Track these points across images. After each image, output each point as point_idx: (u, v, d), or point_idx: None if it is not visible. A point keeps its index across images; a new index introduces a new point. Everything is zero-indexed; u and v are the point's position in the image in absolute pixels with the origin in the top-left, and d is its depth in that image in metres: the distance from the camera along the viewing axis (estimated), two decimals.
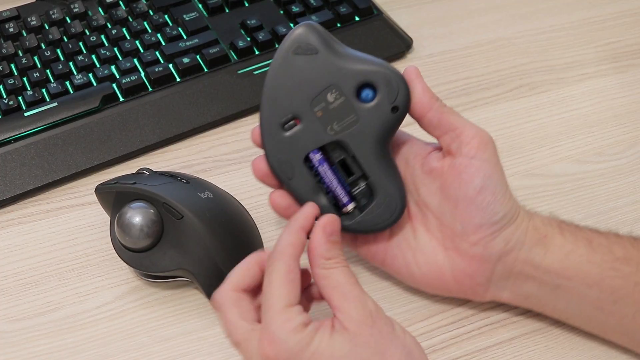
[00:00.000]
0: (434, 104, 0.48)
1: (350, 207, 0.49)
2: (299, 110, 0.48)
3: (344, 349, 0.42)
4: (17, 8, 0.71)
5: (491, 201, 0.47)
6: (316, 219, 0.47)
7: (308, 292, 0.48)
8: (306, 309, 0.47)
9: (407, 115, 0.49)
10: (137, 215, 0.52)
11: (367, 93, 0.48)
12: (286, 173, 0.48)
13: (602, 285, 0.47)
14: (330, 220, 0.46)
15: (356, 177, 0.49)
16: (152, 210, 0.52)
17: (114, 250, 0.53)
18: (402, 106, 0.47)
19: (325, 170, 0.48)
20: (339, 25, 0.72)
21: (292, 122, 0.48)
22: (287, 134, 0.48)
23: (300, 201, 0.49)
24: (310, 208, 0.47)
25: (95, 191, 0.56)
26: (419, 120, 0.49)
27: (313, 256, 0.45)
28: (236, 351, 0.48)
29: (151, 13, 0.72)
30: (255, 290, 0.46)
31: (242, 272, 0.46)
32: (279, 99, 0.48)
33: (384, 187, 0.48)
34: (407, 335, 0.44)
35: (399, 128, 0.49)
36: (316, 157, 0.48)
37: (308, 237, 0.46)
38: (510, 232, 0.48)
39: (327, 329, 0.43)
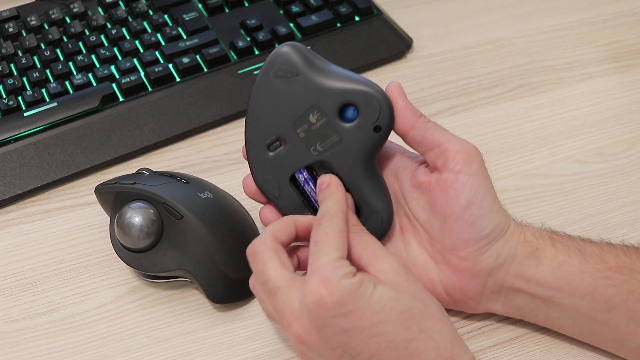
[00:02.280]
0: (416, 121, 0.48)
1: None
2: (282, 132, 0.48)
3: (390, 293, 0.43)
4: (17, 8, 0.71)
5: (479, 216, 0.47)
6: None
7: None
8: None
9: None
10: (136, 216, 0.52)
11: (349, 112, 0.48)
12: (272, 192, 0.49)
13: (595, 294, 0.47)
14: (350, 198, 0.48)
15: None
16: (151, 211, 0.52)
17: (113, 251, 0.53)
18: (384, 125, 0.47)
19: (310, 190, 0.49)
20: (338, 25, 0.72)
21: (276, 143, 0.49)
22: (272, 154, 0.49)
23: None
24: (337, 181, 0.48)
25: (94, 191, 0.56)
26: (402, 137, 0.49)
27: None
28: (237, 352, 0.49)
29: (151, 13, 0.72)
30: (286, 248, 0.47)
31: (281, 227, 0.47)
32: (262, 121, 0.49)
33: (368, 204, 0.49)
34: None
35: (389, 139, 0.49)
36: (301, 176, 0.49)
37: None
38: (500, 246, 0.48)
39: (371, 279, 0.44)
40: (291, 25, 0.72)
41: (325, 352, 0.43)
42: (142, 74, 0.67)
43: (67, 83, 0.66)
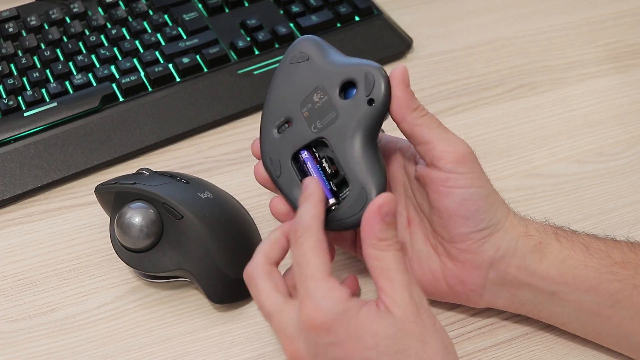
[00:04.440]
0: (408, 114, 0.47)
1: (331, 202, 0.48)
2: (291, 112, 0.49)
3: (389, 330, 0.42)
4: (17, 8, 0.71)
5: (474, 210, 0.47)
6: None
7: None
8: None
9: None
10: (136, 216, 0.52)
11: (350, 90, 0.48)
12: (275, 171, 0.50)
13: (599, 289, 0.47)
14: (387, 200, 0.44)
15: (343, 174, 0.48)
16: (151, 211, 0.52)
17: (113, 251, 0.53)
18: (378, 99, 0.47)
19: (309, 168, 0.49)
20: (338, 25, 0.72)
21: (285, 125, 0.49)
22: (279, 135, 0.50)
23: (286, 198, 0.49)
24: (313, 180, 0.46)
25: (94, 191, 0.56)
26: (397, 126, 0.48)
27: (366, 235, 0.44)
28: (237, 352, 0.49)
29: (151, 13, 0.72)
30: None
31: (271, 244, 0.46)
32: (275, 105, 0.50)
33: (357, 180, 0.47)
34: (445, 332, 0.44)
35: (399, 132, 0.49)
36: (302, 155, 0.49)
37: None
38: (499, 237, 0.48)
39: (373, 307, 0.42)
40: (291, 25, 0.72)
41: None
42: (142, 74, 0.67)
43: (67, 83, 0.66)
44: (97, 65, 0.67)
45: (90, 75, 0.66)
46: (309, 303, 0.42)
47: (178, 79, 0.67)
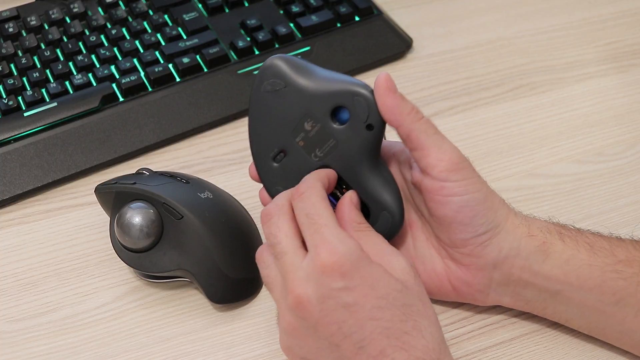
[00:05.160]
0: (404, 119, 0.47)
1: None
2: (283, 143, 0.49)
3: (397, 284, 0.43)
4: (17, 8, 0.71)
5: (472, 217, 0.47)
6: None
7: None
8: None
9: None
10: (136, 216, 0.52)
11: (342, 114, 0.48)
12: None
13: (603, 287, 0.47)
14: (354, 194, 0.48)
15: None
16: (151, 211, 0.52)
17: (113, 251, 0.53)
18: (376, 123, 0.47)
19: None
20: (338, 25, 0.72)
21: (280, 155, 0.49)
22: (277, 165, 0.50)
23: None
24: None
25: (94, 191, 0.56)
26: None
27: (346, 222, 0.46)
28: (237, 352, 0.49)
29: (151, 13, 0.72)
30: None
31: (289, 194, 0.47)
32: (263, 135, 0.49)
33: (376, 202, 0.48)
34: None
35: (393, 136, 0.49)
36: None
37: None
38: (501, 239, 0.48)
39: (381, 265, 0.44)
40: (291, 25, 0.72)
41: (319, 326, 0.43)
42: (142, 74, 0.67)
43: (67, 83, 0.66)
44: (97, 65, 0.67)
45: (90, 75, 0.66)
46: (325, 247, 0.43)
47: (178, 79, 0.67)
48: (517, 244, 0.48)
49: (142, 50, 0.68)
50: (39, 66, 0.67)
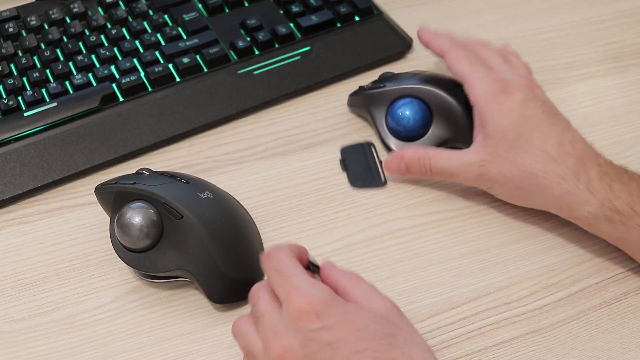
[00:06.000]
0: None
1: None
2: None
3: (376, 316, 0.44)
4: (17, 8, 0.71)
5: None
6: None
7: None
8: None
9: None
10: (136, 216, 0.52)
11: None
12: None
13: None
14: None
15: None
16: (151, 211, 0.52)
17: (113, 251, 0.53)
18: None
19: None
20: (338, 25, 0.72)
21: None
22: None
23: None
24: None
25: (95, 191, 0.56)
26: None
27: (332, 273, 0.48)
28: (237, 352, 0.49)
29: (151, 13, 0.72)
30: None
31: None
32: None
33: None
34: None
35: None
36: None
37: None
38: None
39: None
40: (291, 25, 0.72)
41: None
42: (142, 74, 0.67)
43: (67, 83, 0.66)
44: (97, 65, 0.67)
45: (90, 75, 0.66)
46: (297, 294, 0.43)
47: (178, 79, 0.67)
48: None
49: (142, 50, 0.68)
50: (39, 66, 0.67)
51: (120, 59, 0.68)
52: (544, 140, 0.55)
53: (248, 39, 0.70)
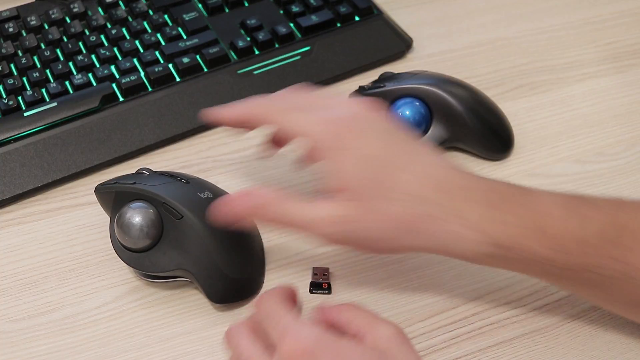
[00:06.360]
0: None
1: None
2: None
3: (372, 353, 0.43)
4: (17, 8, 0.71)
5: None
6: None
7: None
8: None
9: None
10: (136, 216, 0.52)
11: None
12: None
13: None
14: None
15: None
16: (151, 210, 0.52)
17: (113, 251, 0.53)
18: None
19: None
20: (338, 25, 0.72)
21: None
22: None
23: None
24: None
25: (94, 191, 0.56)
26: None
27: (331, 311, 0.48)
28: None
29: (151, 13, 0.72)
30: None
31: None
32: None
33: None
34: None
35: None
36: None
37: None
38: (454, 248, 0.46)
39: (353, 339, 0.45)
40: (291, 25, 0.72)
41: None
42: (142, 73, 0.67)
43: (67, 83, 0.66)
44: (97, 65, 0.67)
45: (90, 75, 0.66)
46: (288, 336, 0.43)
47: (178, 79, 0.67)
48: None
49: (142, 50, 0.68)
50: (39, 66, 0.67)
51: (120, 59, 0.68)
52: (412, 175, 0.46)
53: (248, 38, 0.70)
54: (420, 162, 0.46)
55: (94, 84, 0.66)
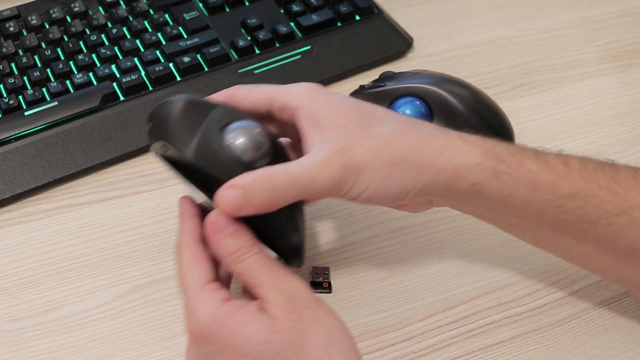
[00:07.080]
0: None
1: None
2: None
3: (262, 334, 0.41)
4: (18, 7, 0.71)
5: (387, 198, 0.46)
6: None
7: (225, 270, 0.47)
8: (226, 285, 0.47)
9: None
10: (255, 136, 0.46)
11: None
12: None
13: (542, 219, 0.47)
14: (215, 217, 0.44)
15: None
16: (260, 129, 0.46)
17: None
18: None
19: None
20: (339, 24, 0.72)
21: None
22: None
23: None
24: (185, 199, 0.48)
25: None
26: None
27: (221, 257, 0.44)
28: None
29: (151, 12, 0.72)
30: None
31: None
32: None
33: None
34: (334, 320, 0.43)
35: None
36: None
37: None
38: (427, 192, 0.46)
39: (250, 309, 0.42)
40: (292, 24, 0.72)
41: None
42: (142, 73, 0.67)
43: (67, 82, 0.66)
44: (98, 65, 0.67)
45: (90, 74, 0.66)
46: (188, 315, 0.43)
47: (179, 78, 0.67)
48: (445, 188, 0.46)
49: (142, 50, 0.68)
50: (39, 65, 0.67)
51: (120, 58, 0.68)
52: (391, 114, 0.48)
53: (249, 38, 0.70)
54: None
55: (95, 83, 0.66)
